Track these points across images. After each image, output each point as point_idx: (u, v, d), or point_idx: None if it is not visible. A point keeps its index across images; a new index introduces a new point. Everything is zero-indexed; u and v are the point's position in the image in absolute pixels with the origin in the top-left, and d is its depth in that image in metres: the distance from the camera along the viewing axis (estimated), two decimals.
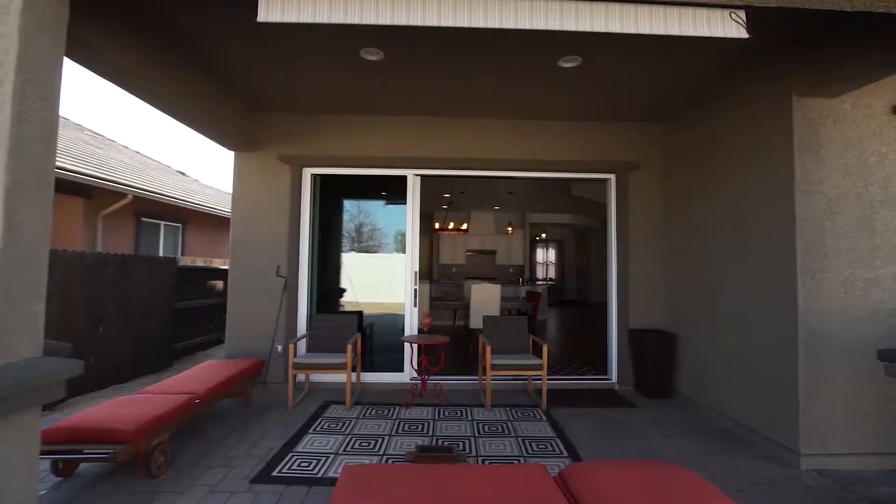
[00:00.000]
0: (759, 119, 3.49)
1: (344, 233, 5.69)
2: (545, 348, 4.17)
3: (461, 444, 3.36)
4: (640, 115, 4.79)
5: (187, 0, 2.68)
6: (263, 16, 2.03)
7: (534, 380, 4.72)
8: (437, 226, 9.45)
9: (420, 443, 3.34)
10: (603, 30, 2.13)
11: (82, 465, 2.82)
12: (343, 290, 5.59)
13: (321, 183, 5.21)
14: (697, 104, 4.32)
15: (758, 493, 2.68)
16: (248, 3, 2.11)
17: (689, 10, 2.08)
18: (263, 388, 4.68)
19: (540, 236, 13.97)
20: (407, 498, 1.84)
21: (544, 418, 3.93)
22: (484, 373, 4.24)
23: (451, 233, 9.64)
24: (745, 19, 2.10)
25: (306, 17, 2.01)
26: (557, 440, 3.45)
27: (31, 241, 1.76)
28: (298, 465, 2.94)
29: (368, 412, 4.03)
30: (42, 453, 2.47)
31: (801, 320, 3.06)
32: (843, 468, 2.98)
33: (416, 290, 5.04)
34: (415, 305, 5.03)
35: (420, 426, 3.71)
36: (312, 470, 2.88)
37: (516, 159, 4.98)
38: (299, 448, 3.23)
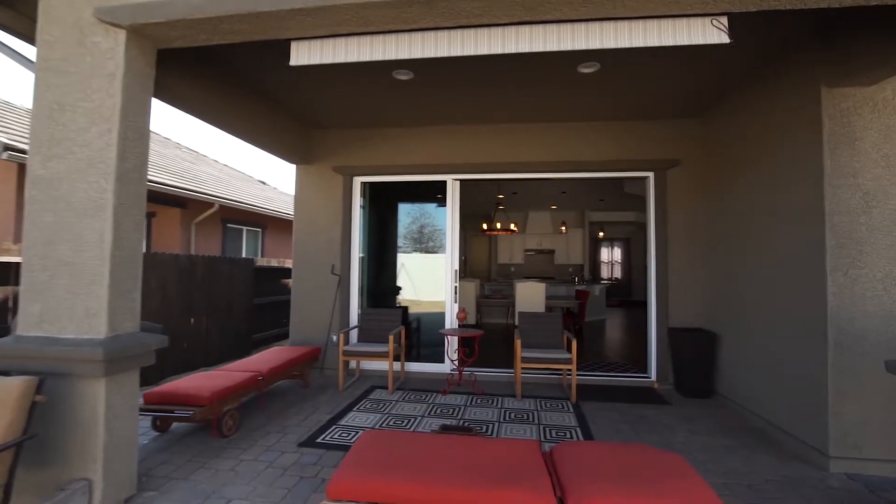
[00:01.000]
0: (788, 112, 3.38)
1: (393, 234, 6.19)
2: (574, 343, 4.32)
3: (485, 426, 3.64)
4: (676, 111, 4.72)
5: (245, 50, 3.24)
6: (294, 61, 2.51)
7: (569, 374, 4.85)
8: (484, 226, 9.69)
9: (446, 423, 3.68)
10: (615, 46, 2.29)
11: (174, 425, 3.53)
12: (399, 288, 6.07)
13: (374, 189, 5.75)
14: (730, 99, 4.20)
15: (770, 490, 2.68)
16: (286, 51, 2.60)
17: (669, 21, 2.20)
18: (321, 373, 5.30)
19: (598, 235, 13.63)
20: (407, 454, 2.20)
21: (571, 410, 4.09)
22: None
23: (502, 233, 9.84)
24: (726, 25, 2.18)
25: (327, 59, 2.44)
26: (578, 429, 3.61)
27: (131, 245, 2.37)
28: (339, 435, 3.42)
29: (407, 397, 4.45)
30: (145, 411, 3.18)
31: (830, 318, 2.96)
32: (879, 474, 2.84)
33: (455, 287, 5.38)
34: (455, 302, 5.37)
35: (451, 410, 4.05)
36: (349, 439, 3.34)
37: (551, 161, 5.13)
38: (342, 422, 3.72)
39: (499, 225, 9.31)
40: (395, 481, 1.99)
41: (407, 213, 6.19)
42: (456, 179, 5.38)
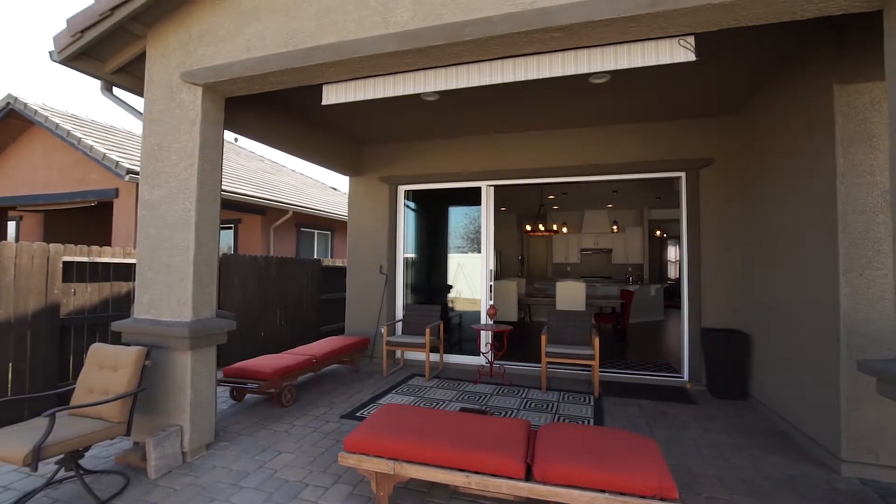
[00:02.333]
0: (804, 110, 3.35)
1: (443, 235, 6.64)
2: (597, 340, 4.51)
3: (504, 412, 4.00)
4: (708, 110, 4.67)
5: (296, 92, 3.92)
6: (325, 101, 3.08)
7: (599, 370, 5.01)
8: (528, 228, 9.85)
9: (465, 406, 4.09)
10: (588, 70, 2.59)
11: (247, 396, 4.32)
12: (450, 287, 6.51)
13: (424, 194, 6.28)
14: (757, 98, 4.14)
15: (766, 486, 2.76)
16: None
17: (638, 45, 2.43)
18: (370, 361, 5.96)
19: (656, 233, 13.04)
20: (414, 423, 2.66)
21: (591, 403, 4.29)
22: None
23: (548, 234, 9.93)
24: (693, 44, 2.36)
25: (351, 98, 2.99)
26: (591, 420, 3.84)
27: (208, 250, 3.10)
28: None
29: (442, 384, 4.92)
30: (224, 382, 3.98)
31: (843, 320, 2.93)
32: None
33: (490, 285, 5.75)
34: (490, 300, 5.74)
35: (478, 397, 4.45)
36: None
37: (581, 164, 5.29)
38: (380, 401, 4.29)
39: (542, 227, 9.43)
40: (396, 440, 2.46)
41: (465, 215, 6.50)
42: (490, 185, 5.74)
